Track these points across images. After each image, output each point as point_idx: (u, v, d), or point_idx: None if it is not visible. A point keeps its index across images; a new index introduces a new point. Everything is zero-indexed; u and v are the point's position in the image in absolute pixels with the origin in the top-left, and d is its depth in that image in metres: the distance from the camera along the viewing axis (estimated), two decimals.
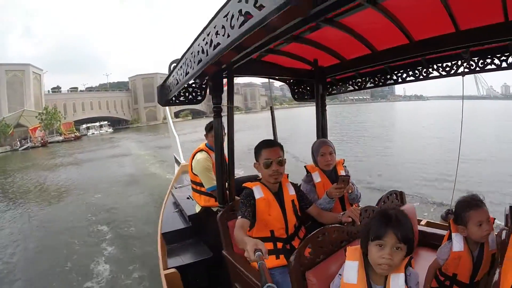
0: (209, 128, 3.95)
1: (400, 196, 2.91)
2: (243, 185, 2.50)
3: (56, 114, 60.86)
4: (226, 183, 2.98)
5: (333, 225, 2.06)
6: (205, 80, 3.16)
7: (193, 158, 3.97)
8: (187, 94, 3.23)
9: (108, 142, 41.51)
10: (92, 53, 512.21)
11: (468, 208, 1.93)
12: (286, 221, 2.42)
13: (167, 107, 11.32)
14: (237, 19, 1.38)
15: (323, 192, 2.76)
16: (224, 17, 1.50)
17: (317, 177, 2.94)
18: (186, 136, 27.83)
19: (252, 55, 2.43)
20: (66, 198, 11.57)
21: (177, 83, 2.70)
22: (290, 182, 2.63)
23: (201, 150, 3.96)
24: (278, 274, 2.24)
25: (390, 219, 1.50)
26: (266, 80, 3.88)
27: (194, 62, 2.13)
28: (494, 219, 2.00)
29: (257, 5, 1.24)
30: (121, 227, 7.77)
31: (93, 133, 68.35)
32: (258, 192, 2.41)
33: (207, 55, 1.87)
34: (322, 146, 3.02)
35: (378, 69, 3.60)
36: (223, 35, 1.57)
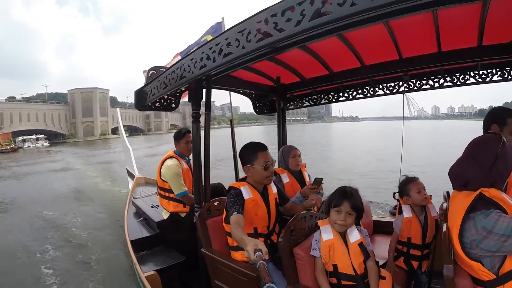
0: (181, 135, 4.03)
1: None
2: (230, 185, 2.56)
3: None
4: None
5: (305, 212, 2.44)
6: (179, 90, 3.44)
7: (162, 164, 3.99)
8: (162, 101, 3.48)
9: (46, 155, 38.64)
10: (29, 59, 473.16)
11: (408, 182, 2.66)
12: (270, 219, 2.55)
13: (120, 121, 11.16)
14: (221, 51, 1.96)
15: (291, 191, 3.11)
16: (210, 48, 2.08)
17: (285, 178, 3.26)
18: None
19: (228, 72, 2.76)
20: (12, 211, 10.53)
21: (158, 91, 3.00)
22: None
23: (171, 157, 3.98)
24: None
25: (346, 193, 2.12)
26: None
27: (177, 77, 2.58)
28: (431, 196, 2.70)
29: (239, 46, 1.82)
30: (76, 238, 7.30)
31: (29, 146, 63.48)
32: (247, 192, 2.47)
33: (192, 73, 2.36)
34: (293, 149, 3.39)
35: (332, 88, 4.11)
36: (209, 60, 2.12)
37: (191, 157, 4.10)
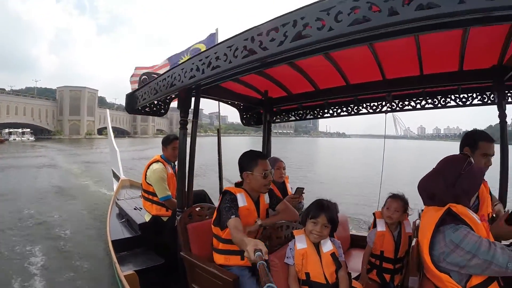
0: (169, 141, 4.09)
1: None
2: (226, 188, 2.57)
3: None
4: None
5: (282, 222, 2.53)
6: (169, 97, 3.51)
7: (148, 167, 4.05)
8: (152, 106, 3.56)
9: (31, 150, 38.17)
10: (21, 52, 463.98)
11: (389, 197, 2.77)
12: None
13: (109, 122, 11.12)
14: (210, 63, 2.06)
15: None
16: (200, 60, 2.18)
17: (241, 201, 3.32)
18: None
19: (217, 83, 2.82)
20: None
21: (148, 96, 3.07)
22: None
23: (157, 161, 4.05)
24: (240, 271, 2.40)
25: (323, 205, 2.21)
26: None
27: (168, 84, 2.65)
28: (407, 214, 2.79)
29: (226, 61, 1.91)
30: (57, 234, 7.14)
31: (15, 139, 63.69)
32: (242, 200, 2.49)
33: (182, 82, 2.44)
34: (278, 161, 3.47)
35: (318, 104, 4.22)
36: (198, 71, 2.21)
37: (177, 163, 4.17)
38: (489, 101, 3.21)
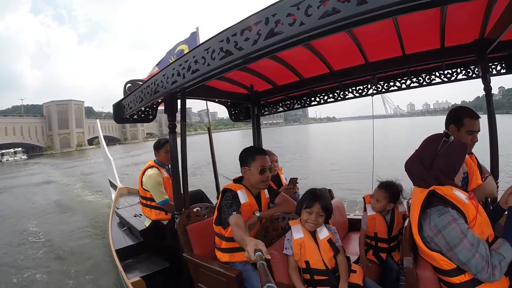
0: (161, 145, 4.12)
1: (329, 193, 3.68)
2: (225, 186, 2.59)
3: None
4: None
5: (278, 214, 2.57)
6: (156, 102, 3.50)
7: (143, 174, 4.07)
8: (139, 113, 3.54)
9: (25, 168, 38.23)
10: (4, 70, 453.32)
11: (377, 186, 2.79)
12: (260, 223, 2.63)
13: (100, 132, 11.03)
14: (190, 67, 2.07)
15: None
16: (180, 65, 2.18)
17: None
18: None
19: (200, 84, 2.80)
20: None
21: (134, 104, 3.06)
22: None
23: (151, 166, 4.07)
24: (243, 266, 2.44)
25: (317, 195, 2.25)
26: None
27: (152, 91, 2.66)
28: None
29: (205, 64, 1.93)
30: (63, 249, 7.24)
31: (8, 160, 64.01)
32: (243, 196, 2.50)
33: (165, 88, 2.44)
34: (270, 155, 3.43)
35: (304, 93, 4.21)
36: (179, 76, 2.22)
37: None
38: (473, 75, 3.23)
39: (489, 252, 1.48)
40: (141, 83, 3.16)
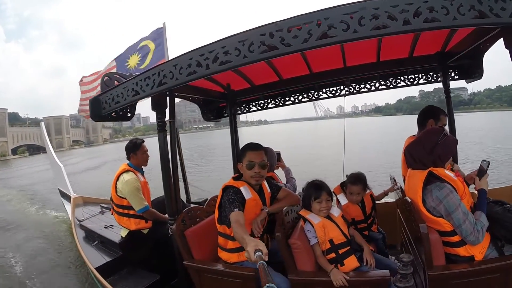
0: (138, 146, 3.82)
1: None
2: (225, 184, 2.56)
3: None
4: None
5: (286, 208, 2.63)
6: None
7: (117, 179, 3.69)
8: (118, 110, 3.21)
9: None
10: None
11: (349, 183, 3.02)
12: (266, 219, 2.62)
13: (46, 137, 9.93)
14: (187, 69, 2.10)
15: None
16: (173, 66, 2.17)
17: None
18: (42, 174, 24.90)
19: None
20: None
21: (117, 102, 2.78)
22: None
23: (126, 171, 3.70)
24: (253, 264, 2.41)
25: (320, 185, 2.51)
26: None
27: (141, 89, 2.49)
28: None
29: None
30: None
31: None
32: (247, 192, 2.49)
33: (151, 88, 2.37)
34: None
35: (279, 93, 4.30)
36: (171, 78, 2.20)
37: (145, 169, 3.93)
38: (432, 80, 3.75)
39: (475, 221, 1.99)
40: (118, 75, 3.05)
